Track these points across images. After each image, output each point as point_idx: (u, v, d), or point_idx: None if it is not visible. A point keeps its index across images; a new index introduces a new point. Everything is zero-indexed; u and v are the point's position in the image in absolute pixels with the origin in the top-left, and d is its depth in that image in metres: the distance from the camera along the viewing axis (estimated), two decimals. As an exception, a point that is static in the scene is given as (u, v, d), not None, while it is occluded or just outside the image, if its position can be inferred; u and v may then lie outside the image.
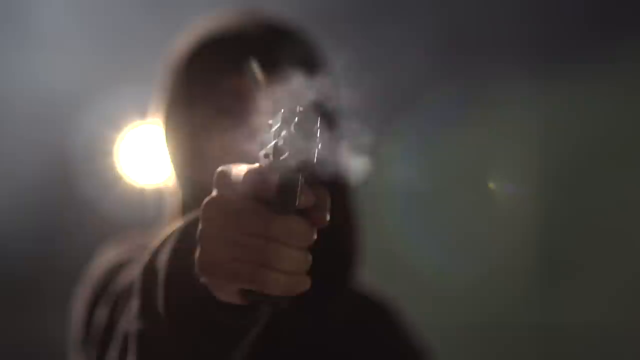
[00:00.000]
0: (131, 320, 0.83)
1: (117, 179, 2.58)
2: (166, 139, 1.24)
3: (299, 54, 1.18)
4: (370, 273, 1.30)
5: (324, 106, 0.70)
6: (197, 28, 1.24)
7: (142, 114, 2.26)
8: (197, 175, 1.20)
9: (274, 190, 0.68)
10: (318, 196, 0.70)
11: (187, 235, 0.75)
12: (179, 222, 0.80)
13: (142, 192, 2.52)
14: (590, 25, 2.39)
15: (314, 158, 0.67)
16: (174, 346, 0.77)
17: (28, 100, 2.58)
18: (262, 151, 0.69)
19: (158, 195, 1.50)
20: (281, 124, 0.67)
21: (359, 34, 2.33)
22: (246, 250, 0.68)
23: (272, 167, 0.68)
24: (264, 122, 0.70)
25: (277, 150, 0.67)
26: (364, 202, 1.25)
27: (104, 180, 2.57)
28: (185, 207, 1.23)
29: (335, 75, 0.76)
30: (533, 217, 2.48)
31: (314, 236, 0.69)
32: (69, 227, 2.68)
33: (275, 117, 0.68)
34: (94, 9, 2.56)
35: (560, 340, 2.45)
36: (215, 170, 0.72)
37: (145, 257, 0.82)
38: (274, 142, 0.67)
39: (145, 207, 2.27)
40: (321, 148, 0.67)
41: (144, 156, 2.55)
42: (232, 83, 1.18)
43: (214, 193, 0.71)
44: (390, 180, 2.26)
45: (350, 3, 2.44)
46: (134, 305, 0.82)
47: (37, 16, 2.53)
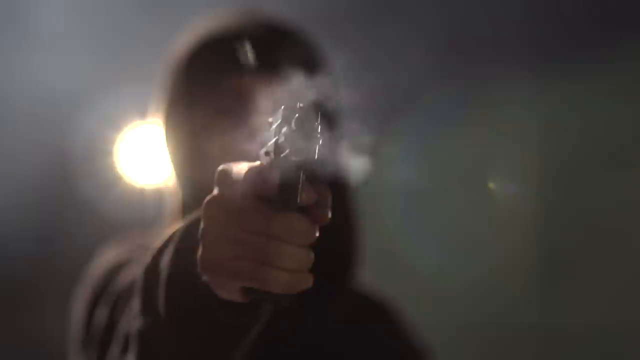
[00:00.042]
0: (132, 319, 0.83)
1: (117, 179, 2.57)
2: (166, 138, 1.24)
3: (299, 54, 1.18)
4: (370, 273, 1.30)
5: (324, 104, 0.70)
6: (197, 28, 1.24)
7: (142, 114, 2.26)
8: (197, 175, 1.20)
9: (275, 188, 0.68)
10: (319, 194, 0.70)
11: (189, 234, 0.75)
12: (179, 222, 0.80)
13: (142, 192, 2.52)
14: (590, 25, 2.39)
15: (315, 155, 0.67)
16: (175, 345, 0.77)
17: (28, 100, 2.57)
18: (262, 149, 0.69)
19: (158, 195, 1.50)
20: (282, 121, 0.67)
21: (359, 34, 2.33)
22: (248, 248, 0.68)
23: (272, 164, 0.67)
24: (265, 121, 0.69)
25: (278, 147, 0.67)
26: (364, 202, 1.25)
27: (104, 180, 2.57)
28: (186, 207, 1.23)
29: (335, 75, 0.76)
30: (533, 217, 2.48)
31: (316, 234, 0.70)
32: (69, 227, 2.68)
33: (276, 115, 0.68)
34: (94, 9, 2.55)
35: (560, 340, 2.44)
36: (216, 170, 0.72)
37: (147, 257, 0.82)
38: (275, 140, 0.67)
39: (145, 207, 2.27)
40: (322, 145, 0.67)
41: (144, 156, 2.55)
42: (232, 83, 1.18)
43: (215, 192, 0.71)
44: (390, 180, 2.25)
45: (350, 3, 2.44)
46: (135, 304, 0.82)
47: (36, 16, 2.53)
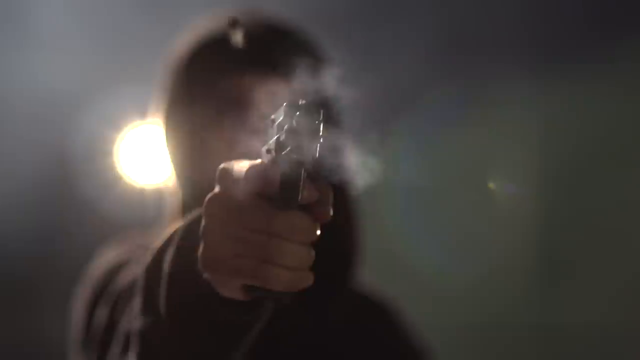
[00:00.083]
0: (133, 318, 0.83)
1: (117, 179, 2.57)
2: (166, 138, 1.24)
3: (299, 54, 1.18)
4: (370, 273, 1.30)
5: (326, 102, 0.70)
6: (197, 28, 1.24)
7: (142, 114, 2.26)
8: (197, 175, 1.20)
9: (277, 186, 0.67)
10: (321, 191, 0.69)
11: (190, 232, 0.75)
12: (179, 222, 0.80)
13: (142, 192, 2.52)
14: (590, 25, 2.39)
15: (316, 153, 0.67)
16: (176, 344, 0.77)
17: (28, 100, 2.57)
18: (264, 147, 0.69)
19: (158, 195, 1.50)
20: (284, 118, 0.67)
21: (359, 34, 2.33)
22: (249, 246, 0.68)
23: (274, 162, 0.67)
24: (267, 118, 0.69)
25: (279, 145, 0.67)
26: (364, 202, 1.25)
27: (104, 180, 2.57)
28: (185, 207, 1.23)
29: (336, 75, 0.76)
30: (533, 217, 2.48)
31: (317, 232, 0.69)
32: (69, 227, 2.68)
33: (278, 112, 0.68)
34: (94, 9, 2.55)
35: (560, 340, 2.44)
36: (216, 170, 0.72)
37: (148, 256, 0.82)
38: (276, 137, 0.67)
39: (145, 207, 2.27)
40: (323, 143, 0.67)
41: (144, 156, 2.55)
42: (232, 83, 1.18)
43: (216, 189, 0.71)
44: (390, 180, 2.25)
45: (350, 3, 2.44)
46: (136, 303, 0.82)
47: (36, 16, 2.53)
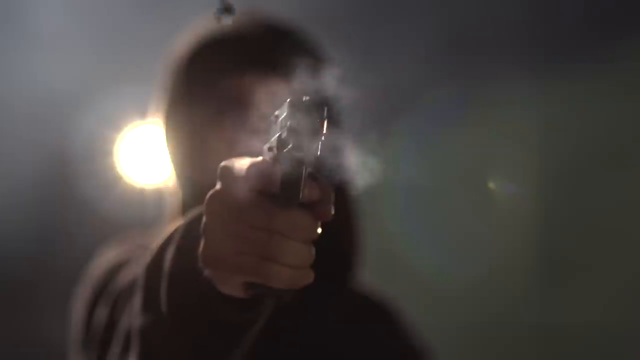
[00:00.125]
0: (134, 317, 0.83)
1: (117, 179, 2.57)
2: (166, 138, 1.24)
3: (299, 54, 1.18)
4: (370, 273, 1.30)
5: (328, 101, 0.70)
6: (197, 28, 1.24)
7: (142, 114, 2.26)
8: (197, 175, 1.20)
9: (278, 184, 0.67)
10: (322, 190, 0.69)
11: (191, 230, 0.75)
12: (179, 222, 0.80)
13: (142, 192, 2.52)
14: (590, 25, 2.39)
15: (318, 151, 0.67)
16: (177, 342, 0.77)
17: (27, 100, 2.57)
18: (266, 144, 0.69)
19: (158, 195, 1.50)
20: (286, 115, 0.66)
21: (359, 34, 2.33)
22: (250, 244, 0.68)
23: (275, 160, 0.67)
24: (268, 116, 0.69)
25: (281, 142, 0.66)
26: (364, 202, 1.25)
27: (104, 180, 2.57)
28: (185, 207, 1.23)
29: (336, 75, 0.76)
30: (533, 217, 2.48)
31: (318, 230, 0.69)
32: (69, 227, 2.68)
33: (281, 108, 0.68)
34: (93, 9, 2.55)
35: (560, 340, 2.44)
36: (216, 169, 0.72)
37: (148, 254, 0.82)
38: (278, 135, 0.67)
39: (145, 207, 2.27)
40: (325, 141, 0.67)
41: (144, 156, 2.55)
42: (232, 83, 1.18)
43: (217, 187, 0.71)
44: (390, 180, 2.25)
45: (350, 3, 2.44)
46: (137, 301, 0.82)
47: (36, 16, 2.53)
